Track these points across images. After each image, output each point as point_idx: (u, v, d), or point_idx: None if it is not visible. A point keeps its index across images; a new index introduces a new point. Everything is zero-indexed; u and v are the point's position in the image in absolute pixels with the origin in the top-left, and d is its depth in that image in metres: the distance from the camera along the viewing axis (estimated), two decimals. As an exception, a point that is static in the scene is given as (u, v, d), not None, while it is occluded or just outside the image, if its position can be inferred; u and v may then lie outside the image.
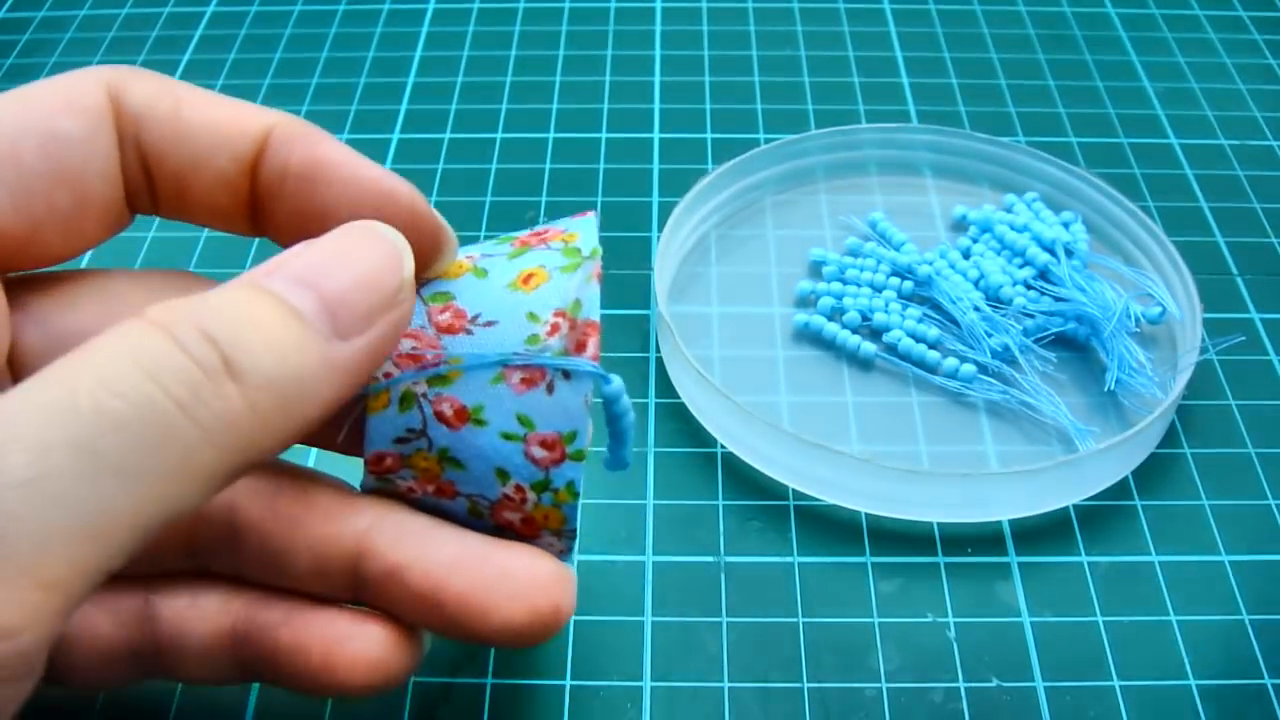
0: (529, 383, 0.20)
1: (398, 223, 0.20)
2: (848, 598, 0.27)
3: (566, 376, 0.20)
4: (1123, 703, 0.25)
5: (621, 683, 0.25)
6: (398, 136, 0.40)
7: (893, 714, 0.25)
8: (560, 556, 0.22)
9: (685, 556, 0.28)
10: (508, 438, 0.20)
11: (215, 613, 0.21)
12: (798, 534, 0.28)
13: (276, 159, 0.20)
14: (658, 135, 0.40)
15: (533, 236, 0.22)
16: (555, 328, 0.20)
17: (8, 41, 0.45)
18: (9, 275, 0.20)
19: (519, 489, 0.21)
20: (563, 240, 0.22)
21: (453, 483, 0.21)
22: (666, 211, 0.34)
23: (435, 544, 0.21)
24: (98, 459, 0.15)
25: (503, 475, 0.21)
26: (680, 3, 0.47)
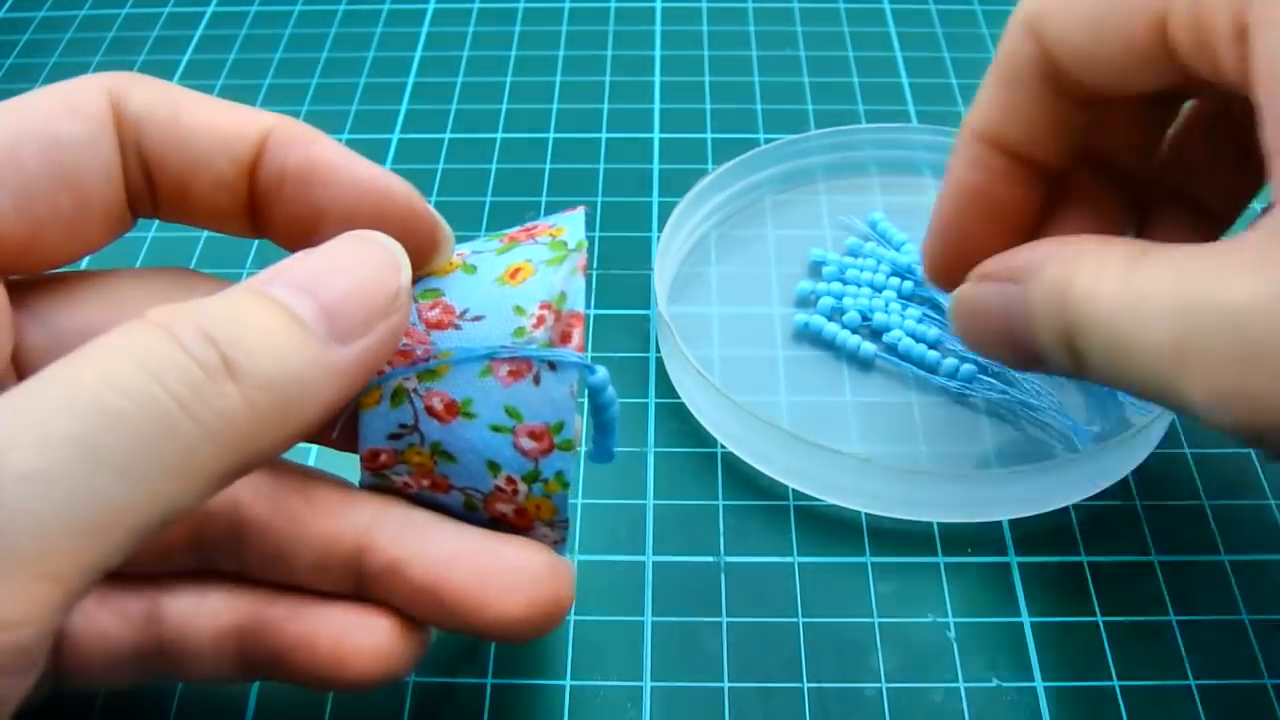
0: (516, 375, 0.20)
1: (395, 221, 0.20)
2: (848, 598, 0.27)
3: (552, 368, 0.20)
4: (1123, 703, 0.25)
5: (621, 683, 0.25)
6: (398, 136, 0.40)
7: (893, 714, 0.25)
8: (555, 547, 0.22)
9: (685, 556, 0.28)
10: (497, 430, 0.21)
11: (221, 611, 0.21)
12: (798, 534, 0.28)
13: (274, 161, 0.20)
14: (658, 135, 0.40)
15: (521, 232, 0.23)
16: (541, 320, 0.20)
17: (8, 41, 0.45)
18: (13, 277, 0.20)
19: (510, 480, 0.21)
20: (550, 235, 0.22)
21: (446, 476, 0.21)
22: (666, 211, 0.34)
23: (434, 538, 0.21)
24: (99, 455, 0.15)
25: (494, 467, 0.21)
26: (680, 3, 0.47)
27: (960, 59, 0.44)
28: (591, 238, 0.36)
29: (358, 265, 0.19)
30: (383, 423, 0.21)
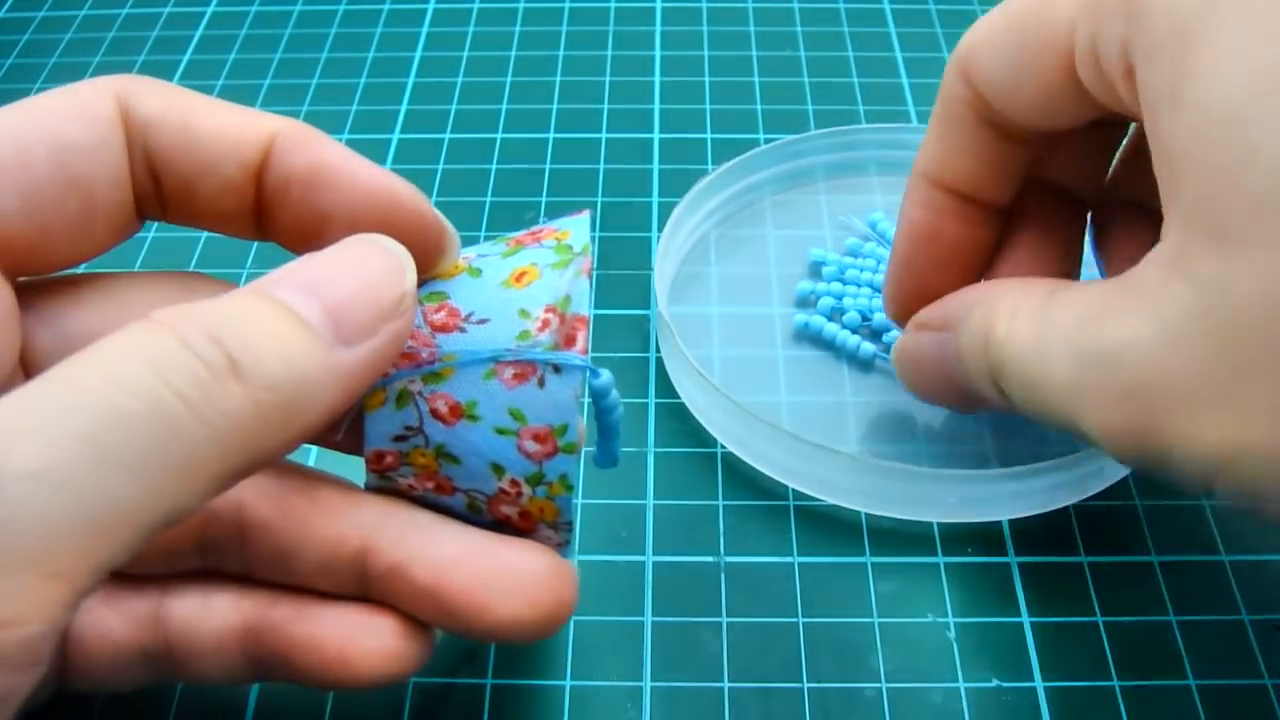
0: (520, 378, 0.20)
1: (400, 224, 0.20)
2: (848, 598, 0.27)
3: (557, 371, 0.20)
4: (1123, 703, 0.25)
5: (621, 683, 0.25)
6: (398, 137, 0.40)
7: (893, 714, 0.25)
8: (559, 550, 0.22)
9: (685, 556, 0.28)
10: (501, 432, 0.21)
11: (227, 611, 0.21)
12: (798, 534, 0.28)
13: (280, 165, 0.20)
14: (658, 135, 0.40)
15: (527, 236, 0.23)
16: (545, 323, 0.20)
17: (8, 41, 0.45)
18: (21, 279, 0.20)
19: (514, 483, 0.21)
20: (555, 238, 0.22)
21: (450, 478, 0.21)
22: (666, 211, 0.34)
23: (438, 540, 0.21)
24: (105, 453, 0.15)
25: (498, 470, 0.21)
26: (680, 3, 0.47)
27: (960, 59, 0.44)
28: (591, 238, 0.36)
29: (363, 268, 0.19)
30: (387, 424, 0.21)
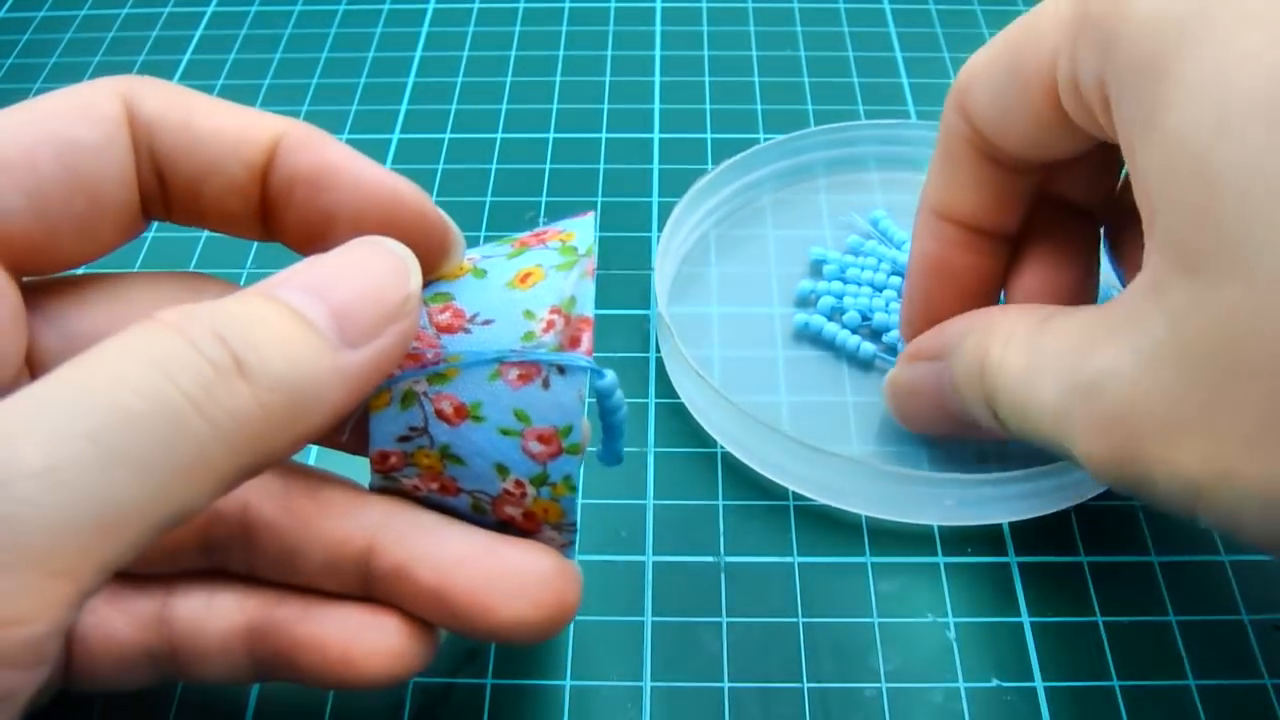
0: (525, 379, 0.20)
1: (405, 225, 0.20)
2: (848, 598, 0.27)
3: (561, 371, 0.20)
4: (1123, 703, 0.25)
5: (621, 683, 0.25)
6: (398, 137, 0.40)
7: (893, 714, 0.25)
8: (563, 551, 0.22)
9: (685, 556, 0.28)
10: (505, 433, 0.21)
11: (231, 611, 0.21)
12: (798, 534, 0.28)
13: (286, 165, 0.20)
14: (658, 135, 0.40)
15: (532, 237, 0.23)
16: (550, 324, 0.20)
17: (8, 41, 0.45)
18: (26, 279, 0.20)
19: (518, 484, 0.21)
20: (560, 239, 0.22)
21: (455, 479, 0.21)
22: (666, 211, 0.34)
23: (442, 540, 0.21)
24: (111, 452, 0.15)
25: (502, 470, 0.21)
26: (680, 3, 0.47)
27: (960, 59, 0.43)
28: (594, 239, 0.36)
29: (368, 270, 0.19)
30: (392, 425, 0.21)
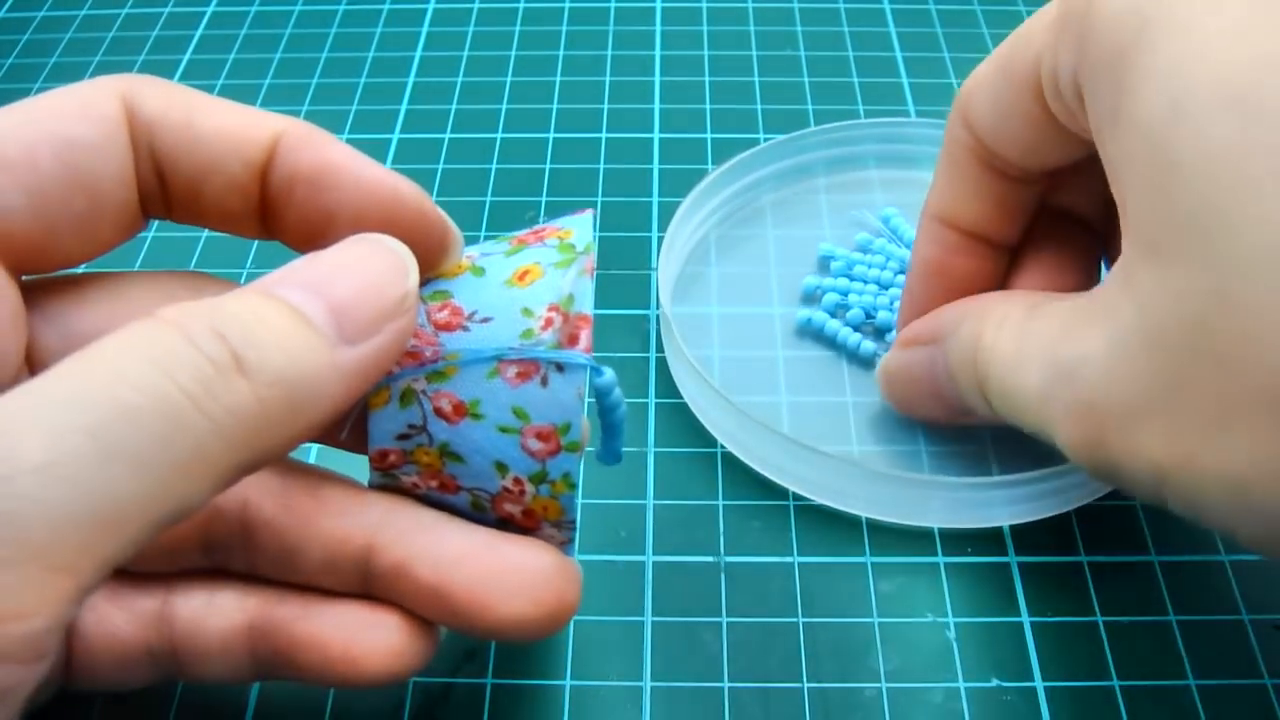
0: (524, 376, 0.20)
1: (404, 223, 0.20)
2: (848, 598, 0.27)
3: (560, 369, 0.20)
4: (1123, 703, 0.25)
5: (621, 683, 0.25)
6: (398, 136, 0.40)
7: (893, 714, 0.25)
8: (563, 548, 0.22)
9: (685, 556, 0.28)
10: (504, 431, 0.21)
11: (231, 610, 0.21)
12: (798, 534, 0.28)
13: (286, 164, 0.20)
14: (658, 135, 0.40)
15: (530, 235, 0.23)
16: (549, 322, 0.20)
17: (8, 41, 0.45)
18: (26, 277, 0.20)
19: (517, 481, 0.21)
20: (558, 237, 0.22)
21: (454, 477, 0.21)
22: (666, 211, 0.34)
23: (442, 538, 0.21)
24: (110, 447, 0.15)
25: (501, 468, 0.21)
26: (680, 3, 0.47)
27: (960, 59, 0.44)
28: (593, 237, 0.36)
29: (366, 268, 0.19)
30: (391, 423, 0.21)
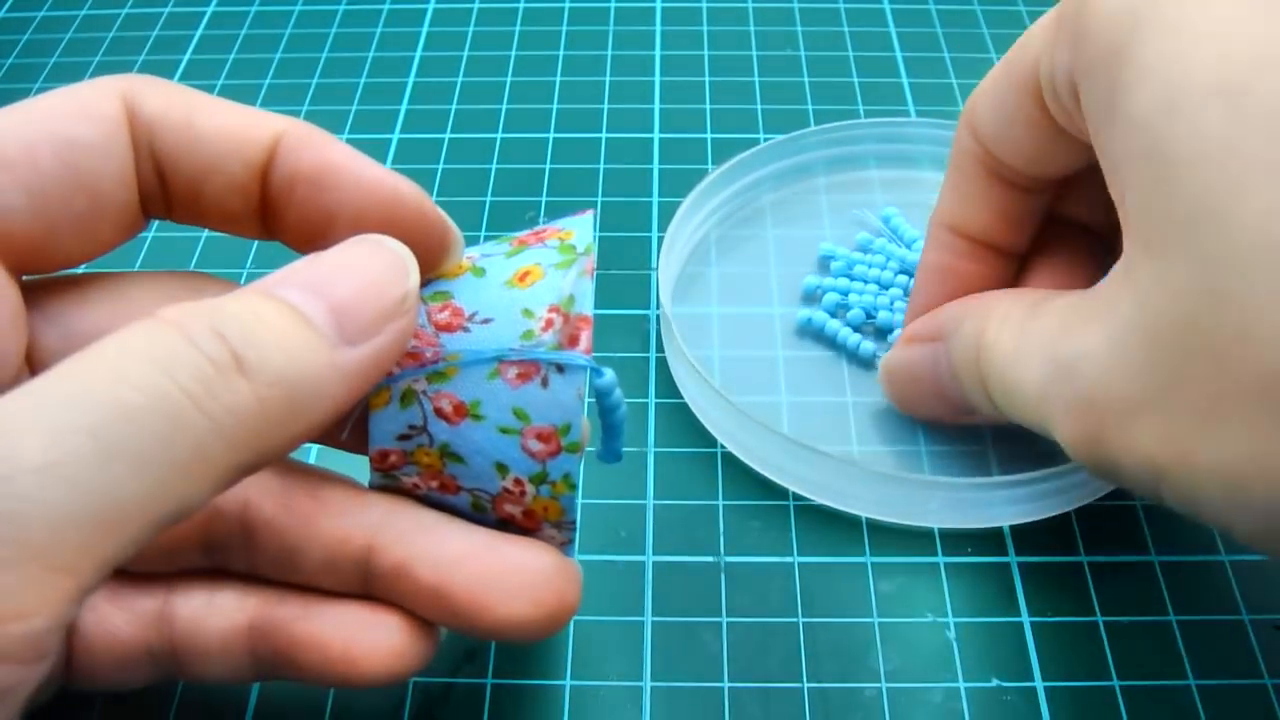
0: (524, 377, 0.20)
1: (405, 224, 0.20)
2: (848, 598, 0.27)
3: (560, 370, 0.20)
4: (1123, 703, 0.25)
5: (621, 683, 0.25)
6: (398, 136, 0.40)
7: (893, 714, 0.25)
8: (563, 549, 0.22)
9: (685, 556, 0.28)
10: (505, 431, 0.21)
11: (232, 610, 0.21)
12: (798, 534, 0.28)
13: (286, 164, 0.20)
14: (658, 135, 0.40)
15: (531, 236, 0.23)
16: (549, 323, 0.20)
17: (8, 41, 0.45)
18: (26, 277, 0.20)
19: (518, 482, 0.21)
20: (559, 238, 0.22)
21: (454, 477, 0.21)
22: (666, 211, 0.34)
23: (442, 538, 0.21)
24: (111, 447, 0.15)
25: (502, 469, 0.21)
26: (680, 3, 0.47)
27: (960, 59, 0.44)
28: (593, 238, 0.36)
29: (366, 268, 0.19)
30: (392, 424, 0.21)
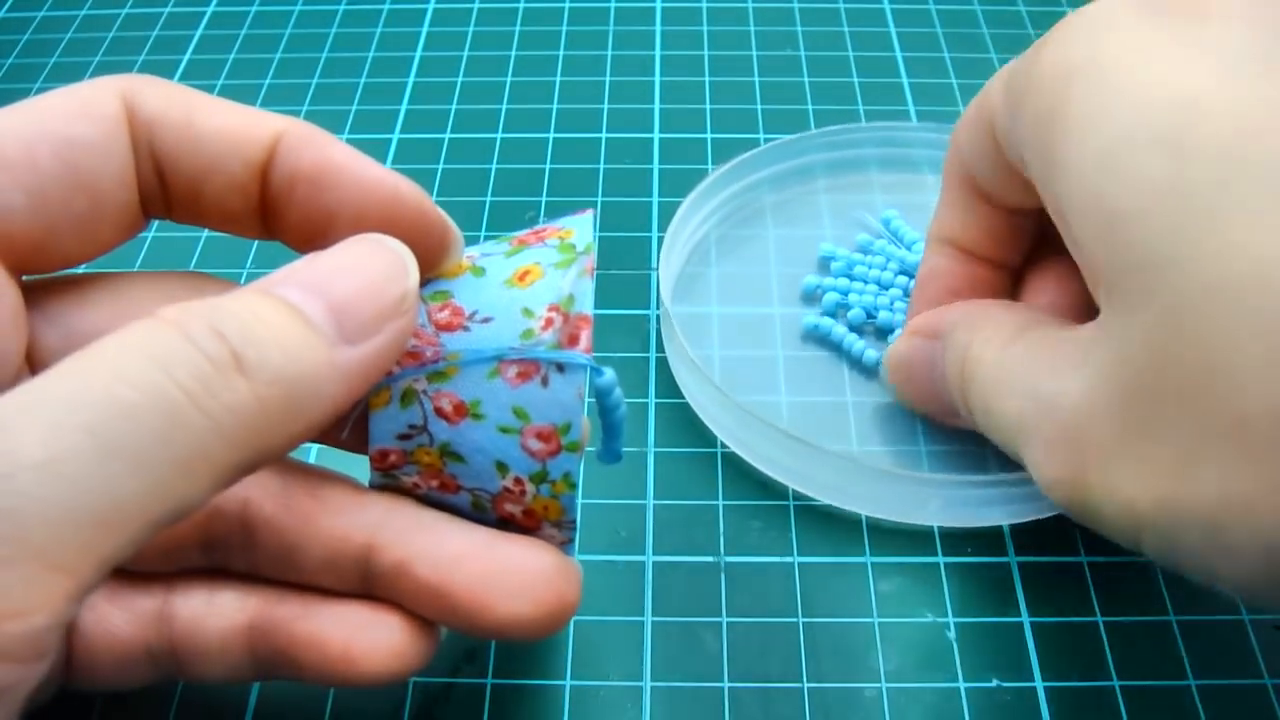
0: (524, 376, 0.20)
1: (405, 223, 0.20)
2: (848, 598, 0.27)
3: (560, 369, 0.20)
4: (1123, 703, 0.25)
5: (621, 683, 0.25)
6: (398, 136, 0.40)
7: (893, 714, 0.25)
8: (563, 548, 0.22)
9: (685, 556, 0.28)
10: (505, 431, 0.21)
11: (232, 610, 0.21)
12: (798, 534, 0.28)
13: (286, 164, 0.20)
14: (658, 135, 0.40)
15: (531, 235, 0.23)
16: (549, 322, 0.20)
17: (8, 41, 0.45)
18: (26, 277, 0.20)
19: (518, 481, 0.21)
20: (559, 237, 0.22)
21: (455, 477, 0.21)
22: (666, 211, 0.34)
23: (442, 538, 0.21)
24: (108, 445, 0.15)
25: (502, 468, 0.21)
26: (680, 3, 0.47)
27: (960, 59, 0.44)
28: (593, 237, 0.36)
29: (366, 267, 0.19)
30: (392, 423, 0.21)
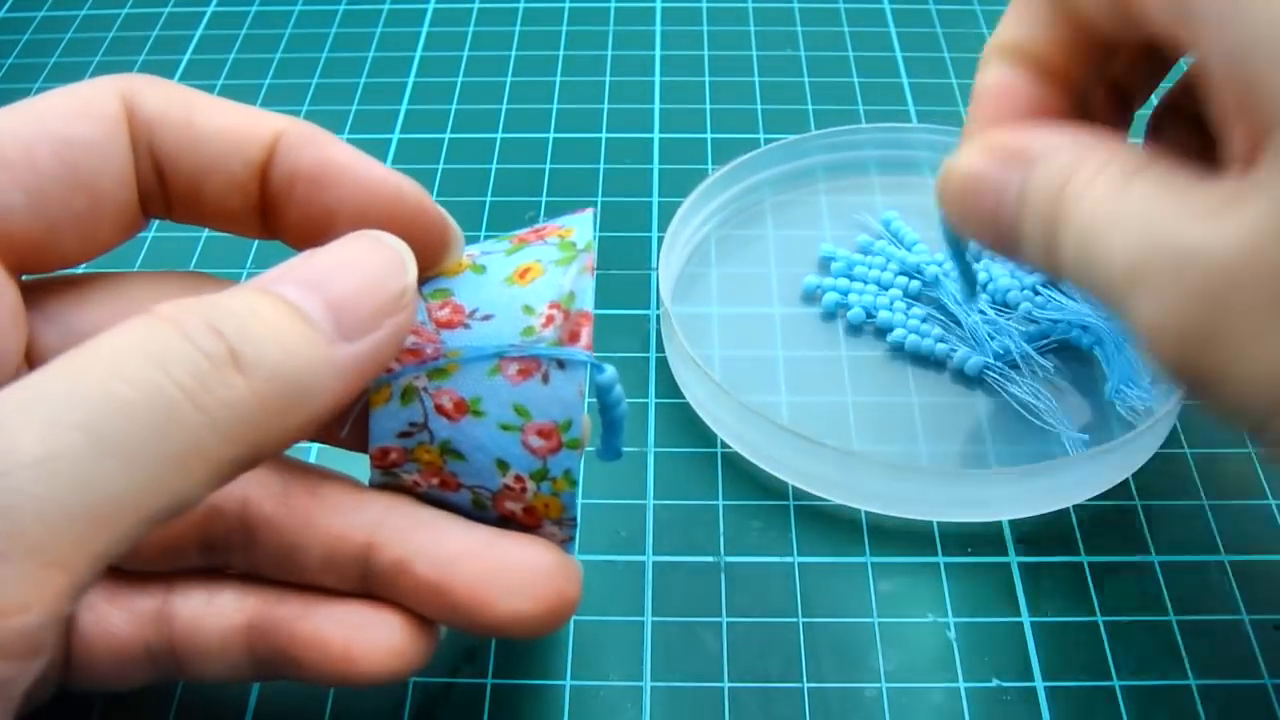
0: (525, 374, 0.20)
1: (405, 221, 0.20)
2: (848, 598, 0.27)
3: (561, 366, 0.20)
4: (1123, 703, 0.25)
5: (621, 683, 0.25)
6: (398, 136, 0.40)
7: (893, 714, 0.25)
8: (563, 546, 0.22)
9: (685, 556, 0.28)
10: (505, 428, 0.21)
11: (231, 609, 0.21)
12: (798, 534, 0.28)
13: (286, 163, 0.20)
14: (658, 135, 0.40)
15: (531, 233, 0.23)
16: (550, 319, 0.20)
17: (8, 41, 0.45)
18: (26, 277, 0.20)
19: (518, 479, 0.21)
20: (559, 235, 0.22)
21: (455, 474, 0.21)
22: (666, 211, 0.34)
23: (442, 536, 0.21)
24: (104, 441, 0.15)
25: (502, 466, 0.21)
26: (680, 3, 0.47)
27: (960, 59, 0.44)
28: (593, 236, 0.36)
29: (364, 264, 0.19)
30: (392, 421, 0.21)
